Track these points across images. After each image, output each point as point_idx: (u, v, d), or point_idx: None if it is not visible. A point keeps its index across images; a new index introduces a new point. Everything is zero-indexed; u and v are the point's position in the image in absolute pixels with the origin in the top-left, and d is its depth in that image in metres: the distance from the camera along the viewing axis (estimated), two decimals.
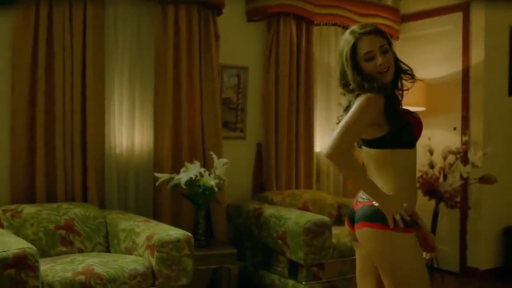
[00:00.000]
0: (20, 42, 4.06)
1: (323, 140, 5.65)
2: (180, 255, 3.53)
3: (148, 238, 3.56)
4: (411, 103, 5.61)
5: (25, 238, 3.53)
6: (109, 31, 4.46)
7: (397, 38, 6.12)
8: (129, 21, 4.56)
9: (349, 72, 2.39)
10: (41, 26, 4.07)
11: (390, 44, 2.43)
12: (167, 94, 4.58)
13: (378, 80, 2.36)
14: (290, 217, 4.27)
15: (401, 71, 2.49)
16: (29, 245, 3.12)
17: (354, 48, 2.38)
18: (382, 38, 2.39)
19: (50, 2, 4.12)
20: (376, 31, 2.41)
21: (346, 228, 2.61)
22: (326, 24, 5.65)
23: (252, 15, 5.23)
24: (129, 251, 3.73)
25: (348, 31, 2.44)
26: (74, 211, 3.93)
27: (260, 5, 5.19)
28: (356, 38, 2.38)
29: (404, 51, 5.88)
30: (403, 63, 2.51)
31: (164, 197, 4.49)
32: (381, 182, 2.40)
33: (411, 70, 2.52)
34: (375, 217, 2.32)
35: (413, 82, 2.52)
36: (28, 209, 3.82)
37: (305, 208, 4.88)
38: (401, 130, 2.38)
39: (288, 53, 5.27)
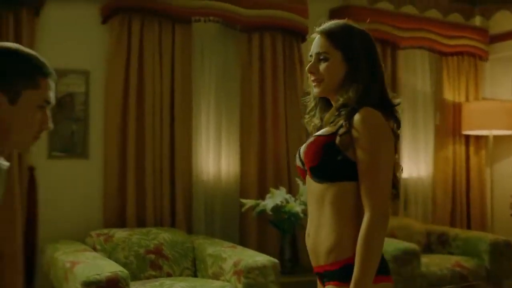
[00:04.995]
0: (112, 70, 4.25)
1: (410, 165, 5.52)
2: (266, 281, 3.52)
3: (235, 264, 3.59)
4: (498, 126, 5.42)
5: (117, 261, 3.64)
6: (196, 60, 4.58)
7: (487, 59, 5.93)
8: (215, 49, 4.67)
9: None
10: (132, 55, 4.26)
11: (347, 49, 1.87)
12: (252, 120, 4.64)
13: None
14: None
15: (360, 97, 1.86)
16: (121, 268, 3.22)
17: None
18: (327, 43, 1.88)
19: (141, 31, 4.30)
20: (325, 32, 1.91)
21: (436, 256, 2.45)
22: (411, 48, 5.56)
23: None
24: (216, 276, 3.76)
25: None
26: (163, 235, 4.01)
27: None
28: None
29: (494, 73, 5.68)
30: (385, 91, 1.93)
31: (250, 223, 4.52)
32: (339, 229, 1.81)
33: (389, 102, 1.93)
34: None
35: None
36: (120, 234, 3.94)
37: (392, 235, 4.75)
38: None
39: None
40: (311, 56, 1.94)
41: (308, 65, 1.93)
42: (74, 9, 4.31)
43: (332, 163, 1.81)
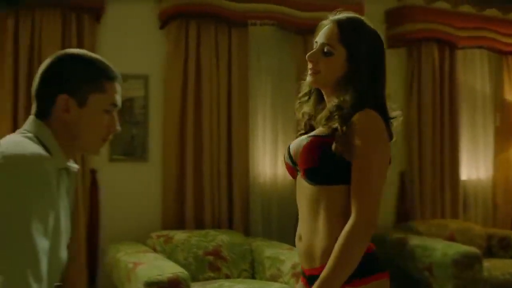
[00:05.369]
0: (170, 74, 4.34)
1: (469, 167, 5.41)
2: None
3: (293, 266, 3.59)
4: None
5: (176, 262, 3.68)
6: (252, 62, 4.61)
7: None
8: (271, 52, 4.69)
9: None
10: (189, 59, 4.35)
11: (355, 47, 1.80)
12: None
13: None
14: (437, 248, 4.12)
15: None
16: (182, 269, 3.27)
17: None
18: (335, 36, 1.82)
19: (198, 35, 4.37)
20: (337, 23, 1.85)
21: (497, 261, 2.31)
22: (470, 47, 5.45)
23: (392, 42, 5.16)
24: (274, 278, 3.77)
25: None
26: (221, 237, 4.05)
27: (400, 31, 5.12)
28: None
29: None
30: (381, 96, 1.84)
31: None
32: (335, 232, 1.72)
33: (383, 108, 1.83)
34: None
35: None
36: (179, 235, 4.00)
37: (452, 238, 4.67)
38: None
39: (431, 79, 5.14)
40: (316, 42, 1.88)
41: (310, 52, 1.87)
42: (133, 15, 4.41)
43: (329, 166, 1.74)
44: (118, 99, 1.65)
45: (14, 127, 3.90)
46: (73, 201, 1.68)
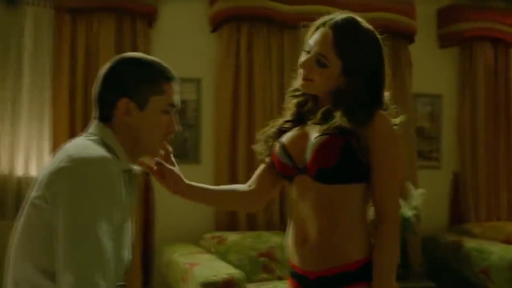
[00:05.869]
0: (222, 77, 4.39)
1: None
2: None
3: None
4: None
5: (230, 264, 3.71)
6: None
7: None
8: None
9: None
10: (241, 62, 4.40)
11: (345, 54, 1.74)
12: None
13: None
14: (494, 251, 4.04)
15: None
16: (237, 270, 3.30)
17: None
18: (332, 47, 1.75)
19: (250, 38, 4.41)
20: (332, 31, 1.78)
21: None
22: None
23: (444, 41, 5.09)
24: None
25: None
26: (274, 239, 4.06)
27: (453, 30, 5.04)
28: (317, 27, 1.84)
29: None
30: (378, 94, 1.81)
31: None
32: (347, 232, 1.73)
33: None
34: None
35: None
36: (232, 236, 4.03)
37: (509, 241, 4.55)
38: None
39: (484, 78, 5.04)
40: (308, 48, 1.79)
41: (302, 59, 1.79)
42: (185, 19, 4.47)
43: (347, 165, 1.70)
44: (176, 99, 1.67)
45: (71, 130, 4.00)
46: (135, 203, 1.71)
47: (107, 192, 1.45)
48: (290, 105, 1.93)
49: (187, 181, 1.89)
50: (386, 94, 1.85)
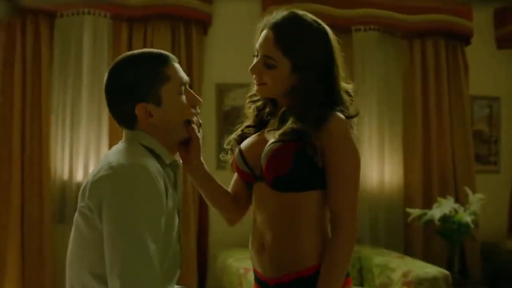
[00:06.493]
0: None
1: None
2: None
3: (404, 274, 3.52)
4: None
5: None
6: (357, 69, 4.57)
7: None
8: (376, 57, 4.62)
9: None
10: None
11: (289, 53, 1.69)
12: (416, 127, 4.56)
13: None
14: None
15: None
16: None
17: None
18: (276, 48, 1.69)
19: None
20: (274, 32, 1.71)
21: None
22: None
23: (502, 42, 4.97)
24: (384, 287, 3.72)
25: None
26: None
27: (511, 31, 4.91)
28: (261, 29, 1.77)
29: None
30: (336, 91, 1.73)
31: (416, 233, 4.43)
32: (303, 239, 1.70)
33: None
34: None
35: None
36: None
37: None
38: None
39: None
40: (255, 52, 1.75)
41: (252, 65, 1.74)
42: (239, 26, 4.48)
43: (302, 173, 1.65)
44: (183, 75, 1.64)
45: None
46: (181, 194, 1.70)
47: (149, 196, 1.46)
48: (250, 110, 1.88)
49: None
50: (349, 86, 1.78)
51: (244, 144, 1.82)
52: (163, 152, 1.60)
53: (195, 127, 1.67)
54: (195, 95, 1.67)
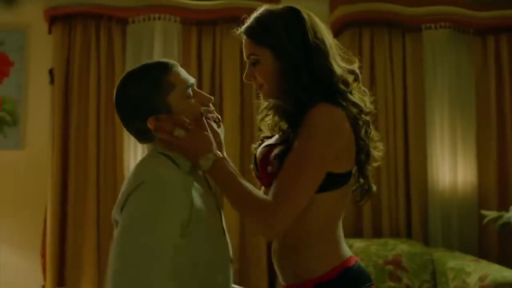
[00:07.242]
0: None
1: None
2: None
3: (481, 279, 3.43)
4: None
5: None
6: (428, 68, 4.47)
7: None
8: (447, 55, 4.51)
9: None
10: (363, 66, 4.31)
11: (279, 49, 1.66)
12: (490, 127, 4.43)
13: None
14: None
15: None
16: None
17: None
18: (252, 43, 1.71)
19: (371, 42, 4.37)
20: (245, 32, 1.74)
21: None
22: None
23: None
24: None
25: None
26: (401, 247, 3.98)
27: None
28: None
29: None
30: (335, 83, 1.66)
31: (491, 236, 4.31)
32: (307, 246, 1.67)
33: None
34: None
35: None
36: (358, 243, 4.00)
37: None
38: None
39: None
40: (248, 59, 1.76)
41: (244, 73, 1.77)
42: None
43: None
44: (186, 77, 1.63)
45: None
46: (218, 193, 1.68)
47: (162, 207, 1.45)
48: (265, 127, 1.86)
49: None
50: (354, 66, 1.73)
51: (259, 148, 1.80)
52: (180, 159, 1.59)
53: (213, 123, 1.65)
54: (205, 94, 1.67)
